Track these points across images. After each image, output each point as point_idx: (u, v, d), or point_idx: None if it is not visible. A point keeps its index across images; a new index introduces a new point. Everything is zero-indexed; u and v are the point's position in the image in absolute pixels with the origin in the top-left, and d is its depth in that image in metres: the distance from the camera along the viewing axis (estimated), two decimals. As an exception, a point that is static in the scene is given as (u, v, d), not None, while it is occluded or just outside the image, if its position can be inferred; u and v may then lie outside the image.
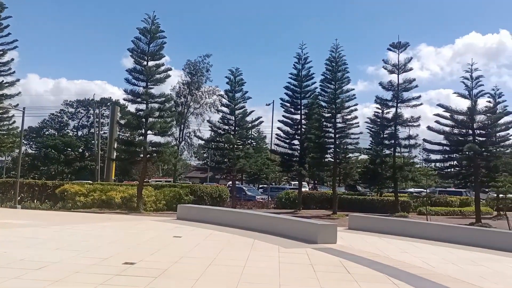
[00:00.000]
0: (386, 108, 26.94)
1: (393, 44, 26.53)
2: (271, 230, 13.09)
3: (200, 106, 48.91)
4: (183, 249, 9.89)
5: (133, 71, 22.71)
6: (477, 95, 22.90)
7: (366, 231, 15.10)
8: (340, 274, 7.85)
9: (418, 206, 27.25)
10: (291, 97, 28.10)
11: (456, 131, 23.68)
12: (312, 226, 12.17)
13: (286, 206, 28.08)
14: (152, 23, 22.50)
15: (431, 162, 27.07)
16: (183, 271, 7.60)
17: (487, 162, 22.47)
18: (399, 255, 10.47)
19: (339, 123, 26.28)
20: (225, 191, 26.58)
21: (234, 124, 26.59)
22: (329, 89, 26.50)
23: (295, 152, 28.30)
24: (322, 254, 9.85)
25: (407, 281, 7.41)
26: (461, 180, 25.11)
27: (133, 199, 21.93)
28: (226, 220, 15.17)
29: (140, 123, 22.47)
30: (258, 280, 7.16)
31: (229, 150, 26.64)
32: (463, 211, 28.27)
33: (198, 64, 48.02)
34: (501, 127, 23.24)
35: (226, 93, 27.31)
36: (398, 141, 26.37)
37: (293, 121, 28.13)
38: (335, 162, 26.26)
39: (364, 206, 27.09)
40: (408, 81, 26.10)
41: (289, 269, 8.06)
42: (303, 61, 27.85)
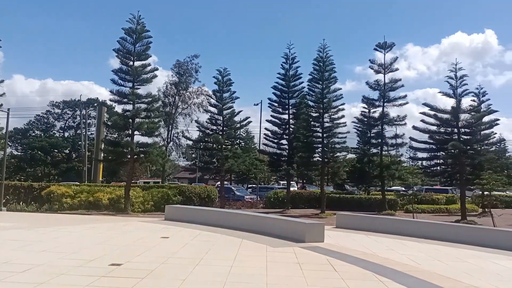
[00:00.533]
0: (373, 107, 27.19)
1: (379, 44, 26.77)
2: (259, 229, 13.11)
3: (188, 106, 48.66)
4: (170, 250, 9.85)
5: (119, 72, 22.54)
6: (461, 94, 23.22)
7: (354, 230, 15.20)
8: (327, 273, 7.90)
9: (405, 204, 27.53)
10: (279, 97, 28.15)
11: (442, 129, 23.97)
12: (300, 225, 12.22)
13: (275, 206, 28.13)
14: (138, 23, 22.36)
15: (417, 161, 27.38)
16: (170, 272, 7.58)
17: (472, 160, 22.79)
18: (386, 252, 10.56)
19: (327, 123, 26.40)
20: (213, 191, 26.52)
21: (222, 124, 26.54)
22: (317, 88, 26.60)
23: (283, 152, 28.36)
24: (310, 253, 9.89)
25: (393, 278, 7.49)
26: (447, 178, 25.44)
27: (121, 200, 21.77)
28: (214, 220, 15.15)
29: (127, 123, 22.31)
30: (245, 279, 7.17)
31: (218, 150, 26.58)
32: (449, 208, 28.61)
33: (186, 65, 47.83)
34: (485, 125, 23.58)
35: (214, 93, 27.25)
36: (385, 140, 26.61)
37: (281, 121, 28.19)
38: (323, 161, 26.38)
39: (352, 205, 27.26)
40: (394, 81, 26.36)
41: (277, 268, 8.08)
42: (290, 61, 27.92)
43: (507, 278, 8.05)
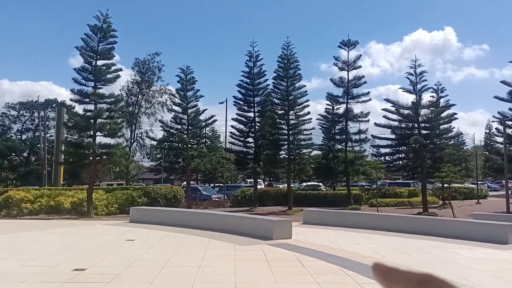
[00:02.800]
0: (337, 104, 27.60)
1: (343, 42, 27.18)
2: (227, 228, 13.04)
3: (151, 106, 47.88)
4: (136, 252, 9.63)
5: (81, 71, 21.82)
6: (421, 90, 23.96)
7: (321, 225, 15.40)
8: (295, 269, 7.94)
9: (370, 198, 28.19)
10: (244, 95, 28.10)
11: (403, 125, 24.69)
12: (267, 223, 12.24)
13: (242, 204, 28.10)
14: (104, 21, 21.71)
15: (380, 156, 28.05)
16: (137, 275, 7.40)
17: (432, 153, 23.60)
18: (352, 246, 10.76)
19: (292, 120, 26.63)
20: (179, 191, 26.19)
21: (187, 123, 26.22)
22: (282, 86, 26.78)
23: (249, 150, 28.36)
24: (278, 250, 9.93)
25: (359, 271, 7.62)
26: (409, 172, 26.25)
27: (83, 204, 21.10)
28: (181, 221, 14.94)
29: (89, 124, 21.64)
30: (213, 279, 7.10)
31: (183, 149, 26.26)
32: (411, 201, 29.51)
33: (148, 63, 46.95)
34: (444, 120, 24.46)
35: (177, 92, 26.87)
36: (349, 136, 27.10)
37: (246, 118, 28.16)
38: (289, 158, 26.59)
39: (318, 201, 27.62)
40: (357, 78, 26.86)
41: (245, 266, 8.06)
42: (254, 58, 27.91)
43: (466, 267, 8.37)
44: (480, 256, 9.55)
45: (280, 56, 26.69)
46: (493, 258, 9.30)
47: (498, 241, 11.23)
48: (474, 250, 10.24)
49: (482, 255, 9.61)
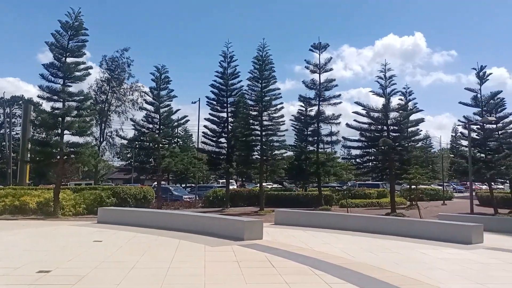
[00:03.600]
0: (309, 106, 27.92)
1: (314, 45, 27.52)
2: (198, 229, 12.95)
3: (122, 104, 46.93)
4: (103, 254, 9.42)
5: (50, 67, 21.22)
6: (390, 93, 24.55)
7: (292, 226, 15.52)
8: (265, 269, 7.97)
9: (340, 199, 28.64)
10: (218, 95, 28.02)
11: (373, 127, 25.21)
12: (238, 223, 12.23)
13: (214, 205, 28.00)
14: (76, 19, 21.19)
15: (351, 158, 28.55)
16: (103, 276, 7.24)
17: (400, 155, 24.19)
18: (322, 246, 10.89)
19: (266, 121, 26.76)
20: (150, 191, 25.84)
21: (159, 122, 25.90)
22: (256, 87, 26.86)
23: (222, 150, 28.29)
24: (248, 251, 9.93)
25: (328, 271, 7.72)
26: (378, 173, 26.80)
27: (50, 204, 20.50)
28: (150, 222, 14.74)
29: (56, 122, 21.04)
30: (182, 280, 7.03)
31: (154, 149, 25.91)
32: (380, 202, 30.15)
33: (118, 60, 45.96)
34: (412, 123, 25.12)
35: (151, 91, 26.49)
36: (320, 137, 27.47)
37: (220, 119, 28.09)
38: (261, 159, 26.69)
39: (290, 201, 27.87)
40: (329, 81, 27.26)
41: (215, 267, 8.02)
42: (229, 59, 27.90)
43: (431, 266, 8.60)
44: (445, 255, 9.84)
45: (256, 57, 26.79)
46: (457, 257, 9.60)
47: (462, 241, 11.61)
48: (439, 250, 10.55)
49: (446, 255, 9.91)
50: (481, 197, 33.38)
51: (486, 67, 25.35)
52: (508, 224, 15.85)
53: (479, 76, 25.41)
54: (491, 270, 8.37)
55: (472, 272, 8.11)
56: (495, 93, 25.32)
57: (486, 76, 25.37)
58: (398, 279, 7.24)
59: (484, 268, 8.53)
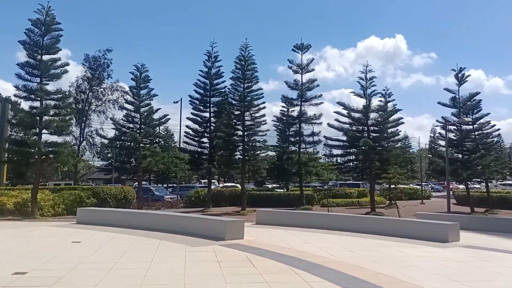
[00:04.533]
0: (291, 106, 28.00)
1: (297, 46, 27.63)
2: (179, 229, 12.87)
3: (102, 103, 46.23)
4: (82, 255, 9.29)
5: (26, 65, 20.76)
6: (370, 94, 24.86)
7: (273, 225, 15.58)
8: (246, 269, 7.98)
9: (321, 198, 28.87)
10: (201, 94, 27.89)
11: (354, 127, 25.49)
12: (220, 223, 12.22)
13: (196, 205, 27.87)
14: (47, 14, 20.77)
15: (332, 157, 28.83)
16: (82, 278, 7.14)
17: (380, 155, 24.52)
18: (303, 246, 10.97)
19: (248, 121, 26.77)
20: (131, 192, 25.55)
21: (139, 122, 25.62)
22: (239, 87, 26.87)
23: (204, 150, 28.17)
24: (229, 250, 9.93)
25: (308, 270, 7.79)
26: (358, 173, 27.12)
27: (28, 204, 20.08)
28: (131, 222, 14.58)
29: (34, 121, 20.62)
30: (162, 281, 6.99)
31: (135, 149, 25.63)
32: (360, 201, 30.50)
33: (99, 59, 45.31)
34: (391, 124, 25.51)
35: (130, 90, 26.18)
36: (302, 138, 27.58)
37: (202, 119, 27.95)
38: (244, 159, 26.69)
39: (272, 201, 27.96)
40: (311, 81, 27.41)
41: (195, 268, 8.00)
42: (213, 59, 27.78)
43: (409, 264, 8.76)
44: (422, 254, 10.03)
45: (238, 57, 26.78)
46: (434, 255, 9.80)
47: (439, 239, 11.85)
48: (416, 248, 10.74)
49: (424, 253, 10.10)
50: (458, 196, 34.11)
51: (465, 68, 25.81)
52: (484, 222, 16.25)
53: (457, 77, 25.90)
54: (467, 268, 8.57)
55: (449, 269, 8.29)
56: (473, 94, 25.81)
57: (464, 77, 25.86)
58: (376, 277, 7.35)
59: (460, 266, 8.73)
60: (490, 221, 16.56)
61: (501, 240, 12.65)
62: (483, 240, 12.54)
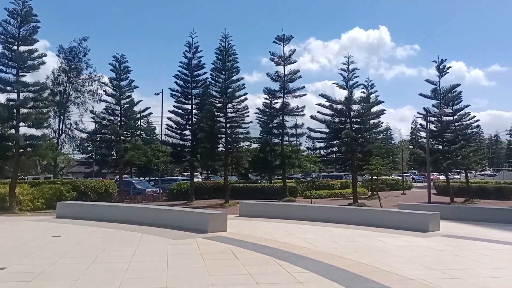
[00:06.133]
0: (274, 98, 27.95)
1: (278, 37, 27.52)
2: (161, 222, 12.77)
3: (81, 95, 45.24)
4: (62, 249, 9.13)
5: (1, 57, 20.26)
6: (353, 86, 25.00)
7: (256, 217, 15.58)
8: (228, 261, 7.96)
9: (304, 190, 29.03)
10: (182, 86, 27.57)
11: (336, 119, 25.63)
12: (202, 216, 12.16)
13: (179, 198, 27.70)
14: (23, 5, 20.22)
15: (315, 150, 28.92)
16: (62, 272, 7.02)
17: (362, 147, 24.73)
18: (286, 237, 11.00)
19: (231, 113, 26.63)
20: (112, 185, 25.24)
21: (120, 114, 25.25)
22: (220, 79, 26.66)
23: (186, 143, 27.93)
24: (212, 243, 9.90)
25: (291, 261, 7.81)
26: (341, 165, 27.33)
27: (6, 199, 19.67)
28: (112, 216, 14.40)
29: (11, 114, 20.13)
30: (144, 274, 6.92)
31: (116, 142, 25.28)
32: (343, 193, 30.77)
33: (75, 49, 44.18)
34: (373, 115, 25.71)
35: (110, 81, 25.71)
36: (285, 130, 27.57)
37: (184, 111, 27.67)
38: (226, 151, 26.59)
39: (255, 193, 27.97)
40: (293, 73, 27.32)
41: (178, 261, 7.94)
42: (193, 50, 27.44)
43: (390, 254, 8.87)
44: (403, 243, 10.17)
45: (218, 48, 26.54)
46: (414, 245, 9.95)
47: (419, 229, 12.04)
48: (397, 238, 10.89)
49: (404, 243, 10.24)
50: (438, 186, 34.75)
51: (446, 60, 26.13)
52: (463, 212, 16.56)
53: (439, 69, 26.21)
54: (446, 256, 8.73)
55: (428, 258, 8.42)
56: (454, 86, 26.18)
57: (445, 69, 26.20)
58: (358, 266, 7.41)
59: (439, 254, 8.88)
60: (469, 211, 16.90)
61: (480, 229, 12.92)
62: (462, 229, 12.79)
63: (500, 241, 10.53)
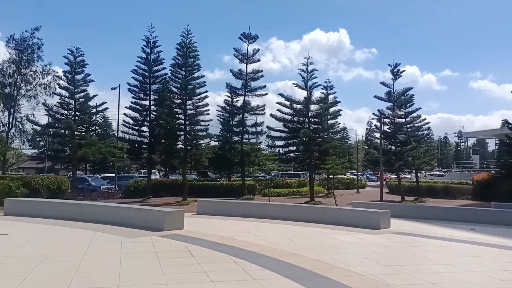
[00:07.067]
0: (236, 96, 27.89)
1: (244, 35, 27.43)
2: (115, 220, 12.47)
3: (33, 88, 43.23)
4: (9, 248, 8.74)
5: None
6: (311, 86, 25.43)
7: (214, 215, 15.55)
8: (184, 259, 7.91)
9: (263, 188, 29.24)
10: (140, 82, 26.99)
11: (295, 119, 25.99)
12: (158, 214, 12.00)
13: (135, 195, 27.13)
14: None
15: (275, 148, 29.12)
16: (8, 272, 6.73)
17: (320, 146, 25.24)
18: (243, 235, 11.06)
19: (190, 110, 26.35)
20: (65, 182, 24.37)
21: (74, 109, 24.41)
22: (180, 75, 26.31)
23: (144, 139, 27.37)
24: (168, 241, 9.80)
25: (246, 258, 7.87)
26: (299, 164, 27.73)
27: None
28: (64, 214, 13.90)
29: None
30: (96, 273, 6.75)
31: (70, 137, 24.41)
32: (300, 191, 31.25)
33: (28, 40, 42.16)
34: (331, 116, 26.26)
35: (65, 75, 24.79)
36: (246, 128, 27.63)
37: (142, 107, 27.10)
38: (185, 148, 26.32)
39: (214, 191, 27.90)
40: (255, 71, 27.34)
41: (131, 259, 7.81)
42: (152, 44, 26.93)
43: (343, 251, 9.14)
44: (356, 240, 10.50)
45: (179, 43, 26.17)
46: (366, 242, 10.29)
47: (371, 226, 12.46)
48: (351, 235, 11.22)
49: (357, 240, 10.57)
50: (390, 186, 36.05)
51: (400, 64, 27.22)
52: (413, 210, 17.28)
53: (393, 72, 27.19)
54: (395, 253, 9.10)
55: (379, 254, 8.75)
56: (406, 89, 27.28)
57: (399, 73, 27.23)
58: (312, 263, 7.58)
59: (389, 251, 9.25)
60: (418, 209, 17.65)
61: (428, 226, 13.53)
62: (412, 226, 13.34)
63: (446, 238, 11.09)
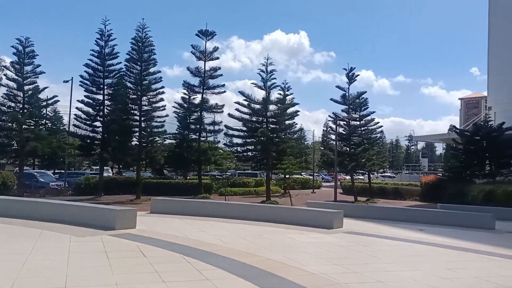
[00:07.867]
0: (193, 93, 27.55)
1: (201, 31, 27.15)
2: (64, 219, 11.95)
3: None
4: None
5: None
6: (270, 87, 25.61)
7: (169, 214, 15.27)
8: (135, 259, 7.70)
9: (219, 187, 29.10)
10: (93, 75, 26.04)
11: (254, 118, 26.07)
12: (110, 212, 11.62)
13: (86, 193, 26.19)
14: None
15: (232, 147, 29.07)
16: None
17: (277, 146, 25.47)
18: (197, 234, 10.93)
19: (145, 106, 25.80)
20: (11, 177, 23.13)
21: (23, 101, 23.22)
22: (135, 69, 25.71)
23: (97, 135, 26.46)
24: (119, 240, 9.51)
25: (200, 258, 7.77)
26: (256, 163, 27.84)
27: None
28: (9, 211, 13.13)
29: None
30: (41, 273, 6.43)
31: (17, 131, 23.20)
32: (257, 190, 31.38)
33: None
34: (288, 116, 26.57)
35: (12, 65, 23.49)
36: (203, 126, 27.37)
37: (95, 101, 26.18)
38: (140, 145, 25.72)
39: (170, 190, 27.41)
40: (214, 69, 27.13)
41: (80, 259, 7.50)
42: (106, 37, 26.07)
43: (297, 250, 9.24)
44: (309, 240, 10.65)
45: (134, 38, 25.59)
46: (320, 241, 10.47)
47: (325, 226, 12.69)
48: (305, 235, 11.37)
49: (310, 239, 10.73)
50: (344, 186, 36.97)
51: (355, 68, 28.03)
52: (365, 210, 17.80)
53: (348, 76, 27.91)
54: (347, 252, 9.31)
55: (331, 254, 8.92)
56: (361, 93, 28.12)
57: (354, 76, 28.00)
58: (266, 262, 7.60)
59: (342, 250, 9.45)
60: (370, 209, 18.21)
61: (379, 226, 13.96)
62: (363, 226, 13.72)
63: (396, 238, 11.48)
